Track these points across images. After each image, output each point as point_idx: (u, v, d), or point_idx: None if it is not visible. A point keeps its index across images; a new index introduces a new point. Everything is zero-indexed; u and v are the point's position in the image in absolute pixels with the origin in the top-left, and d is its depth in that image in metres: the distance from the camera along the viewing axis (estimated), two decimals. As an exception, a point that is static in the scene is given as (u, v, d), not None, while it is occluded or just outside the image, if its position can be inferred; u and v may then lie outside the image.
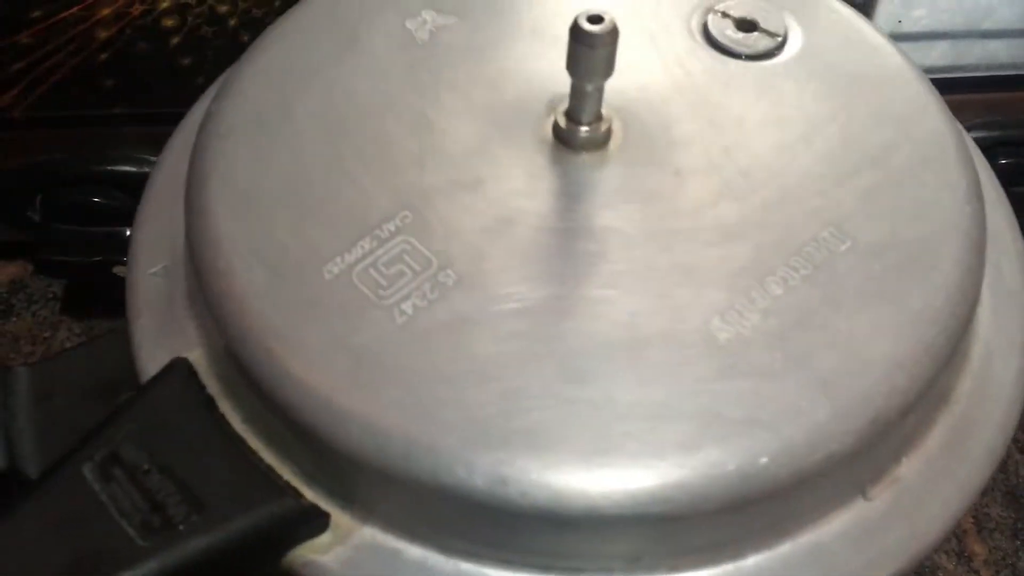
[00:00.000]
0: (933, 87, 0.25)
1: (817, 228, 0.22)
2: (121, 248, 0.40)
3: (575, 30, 0.21)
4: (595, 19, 0.21)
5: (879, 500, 0.21)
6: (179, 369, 0.22)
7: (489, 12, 0.27)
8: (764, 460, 0.19)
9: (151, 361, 0.23)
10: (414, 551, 0.21)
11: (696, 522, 0.20)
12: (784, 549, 0.21)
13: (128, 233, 0.40)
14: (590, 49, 0.22)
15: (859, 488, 0.21)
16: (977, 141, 0.37)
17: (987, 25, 0.39)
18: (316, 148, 0.24)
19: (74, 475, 0.20)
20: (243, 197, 0.23)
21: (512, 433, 0.19)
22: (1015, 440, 0.40)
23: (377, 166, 0.23)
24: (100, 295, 0.44)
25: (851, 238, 0.22)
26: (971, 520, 0.38)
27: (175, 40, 0.39)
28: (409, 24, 0.26)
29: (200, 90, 0.35)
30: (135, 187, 0.40)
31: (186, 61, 0.39)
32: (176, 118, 0.38)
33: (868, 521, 0.21)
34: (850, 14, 0.27)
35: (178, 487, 0.20)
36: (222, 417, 0.22)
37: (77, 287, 0.45)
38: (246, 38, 0.39)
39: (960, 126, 0.25)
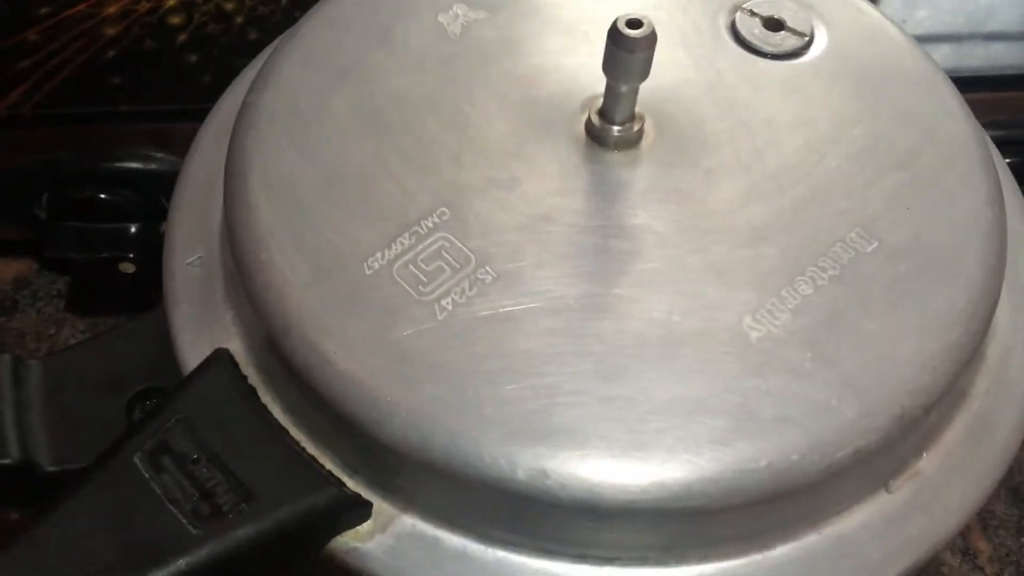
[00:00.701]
0: (956, 89, 0.26)
1: (845, 229, 0.23)
2: (127, 245, 0.41)
3: (614, 34, 0.22)
4: (634, 24, 0.22)
5: (900, 493, 0.22)
6: (221, 360, 0.23)
7: (520, 6, 0.27)
8: (795, 457, 0.20)
9: (191, 350, 0.24)
10: (453, 540, 0.21)
11: (727, 515, 0.20)
12: (810, 540, 0.21)
13: (133, 230, 0.41)
14: (628, 53, 0.22)
15: (882, 481, 0.22)
16: None
17: (989, 27, 0.40)
18: (355, 142, 0.24)
19: (126, 464, 0.21)
20: (283, 190, 0.23)
21: (551, 428, 0.20)
22: None
23: (415, 162, 0.24)
24: (104, 292, 0.45)
25: (877, 239, 0.23)
26: (976, 518, 0.39)
27: (182, 37, 0.39)
28: (441, 18, 0.27)
29: (207, 87, 0.35)
30: (141, 184, 0.40)
31: (192, 58, 0.39)
32: (182, 115, 0.39)
33: (890, 513, 0.22)
34: (875, 14, 0.27)
35: (226, 476, 0.21)
36: (264, 408, 0.22)
37: (81, 284, 0.45)
38: (253, 35, 0.39)
39: (981, 128, 0.25)
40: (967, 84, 0.37)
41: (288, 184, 0.24)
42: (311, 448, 0.22)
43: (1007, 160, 0.38)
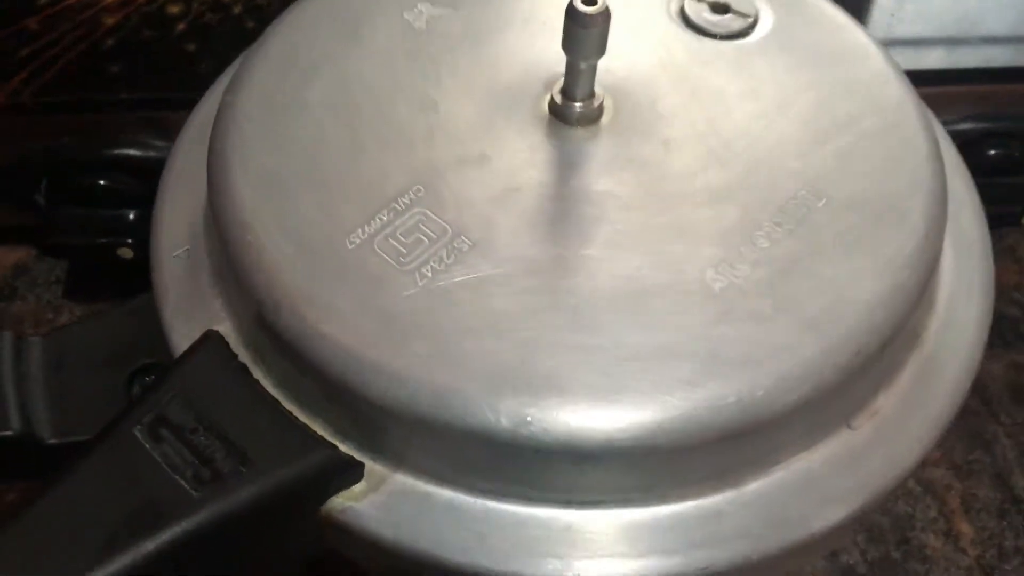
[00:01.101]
0: (895, 61, 0.28)
1: (796, 187, 0.24)
2: (125, 230, 0.41)
3: (571, 11, 0.23)
4: (589, 1, 0.23)
5: (861, 430, 0.24)
6: (212, 340, 0.24)
7: (480, 2, 0.28)
8: (760, 393, 0.21)
9: (182, 336, 0.25)
10: (443, 494, 0.22)
11: (701, 452, 0.22)
12: (779, 475, 0.23)
13: (131, 216, 0.41)
14: (584, 29, 0.24)
15: (844, 419, 0.23)
16: (966, 132, 0.40)
17: (980, 31, 0.41)
18: (329, 130, 0.25)
19: (126, 436, 0.22)
20: (264, 178, 0.25)
21: (532, 378, 0.21)
22: (1001, 424, 0.41)
23: (388, 145, 0.25)
24: (102, 279, 0.46)
25: (826, 195, 0.24)
26: (959, 501, 0.40)
27: (180, 27, 0.40)
28: (407, 15, 0.28)
29: (205, 76, 0.36)
30: (140, 171, 0.41)
31: (191, 47, 0.40)
32: (181, 103, 0.39)
33: (853, 449, 0.23)
34: (814, -4, 0.29)
35: (224, 444, 0.22)
36: (256, 382, 0.23)
37: (79, 271, 0.46)
38: (250, 24, 0.40)
39: (917, 94, 0.27)
40: (953, 76, 0.40)
41: (268, 173, 0.25)
42: (303, 417, 0.23)
43: (991, 151, 0.40)
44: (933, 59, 0.38)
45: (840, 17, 0.29)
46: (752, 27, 0.28)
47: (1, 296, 0.45)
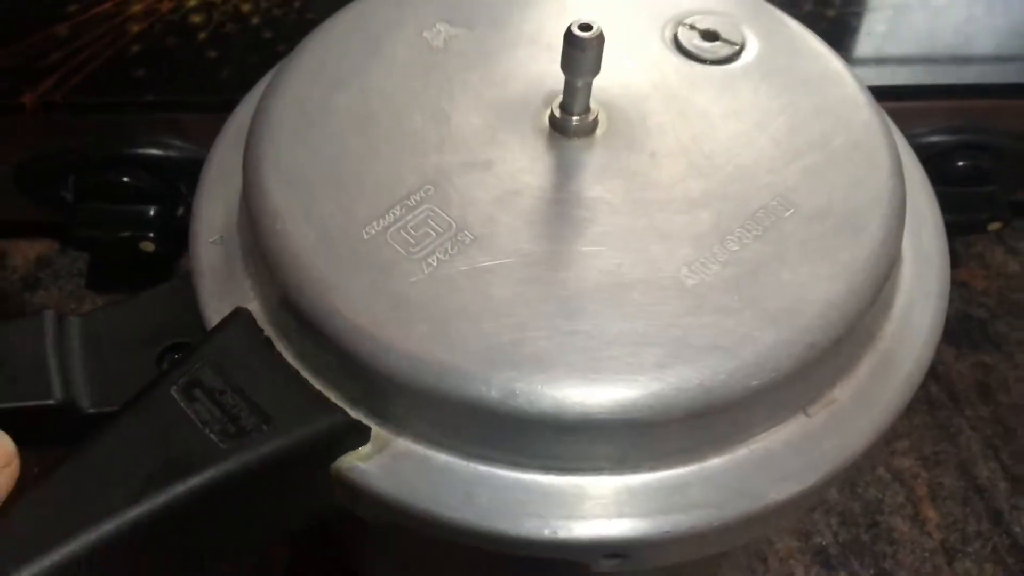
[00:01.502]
0: (866, 87, 0.30)
1: (767, 198, 0.27)
2: (147, 225, 0.45)
3: (569, 36, 0.26)
4: (585, 27, 0.26)
5: (818, 418, 0.26)
6: (241, 316, 0.27)
7: (494, 24, 0.31)
8: (723, 376, 0.24)
9: (214, 312, 0.28)
10: (440, 457, 0.25)
11: (669, 428, 0.24)
12: (740, 453, 0.25)
13: (152, 212, 0.45)
14: (581, 51, 0.27)
15: (801, 406, 0.26)
16: (938, 145, 0.43)
17: (962, 51, 0.44)
18: (351, 135, 0.28)
19: (163, 395, 0.25)
20: (292, 176, 0.28)
21: (522, 356, 0.24)
22: (967, 418, 0.45)
23: (403, 150, 0.28)
24: (122, 270, 0.49)
25: (794, 206, 0.27)
26: (925, 488, 0.42)
27: (202, 36, 0.44)
28: (426, 34, 0.31)
29: (224, 82, 0.39)
30: (161, 169, 0.44)
31: (212, 55, 0.43)
32: (201, 107, 0.43)
33: (809, 433, 0.26)
34: (799, 28, 0.32)
35: (249, 405, 0.25)
36: (279, 354, 0.26)
37: (100, 264, 0.49)
38: (267, 35, 0.43)
39: (888, 119, 0.30)
40: (928, 93, 0.43)
41: (296, 172, 0.28)
42: (319, 385, 0.26)
43: (961, 163, 0.43)
44: (914, 76, 0.41)
45: (819, 47, 0.31)
46: (738, 54, 0.31)
47: (26, 286, 0.48)
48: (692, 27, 0.31)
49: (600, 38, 0.26)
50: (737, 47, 0.31)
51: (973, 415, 0.45)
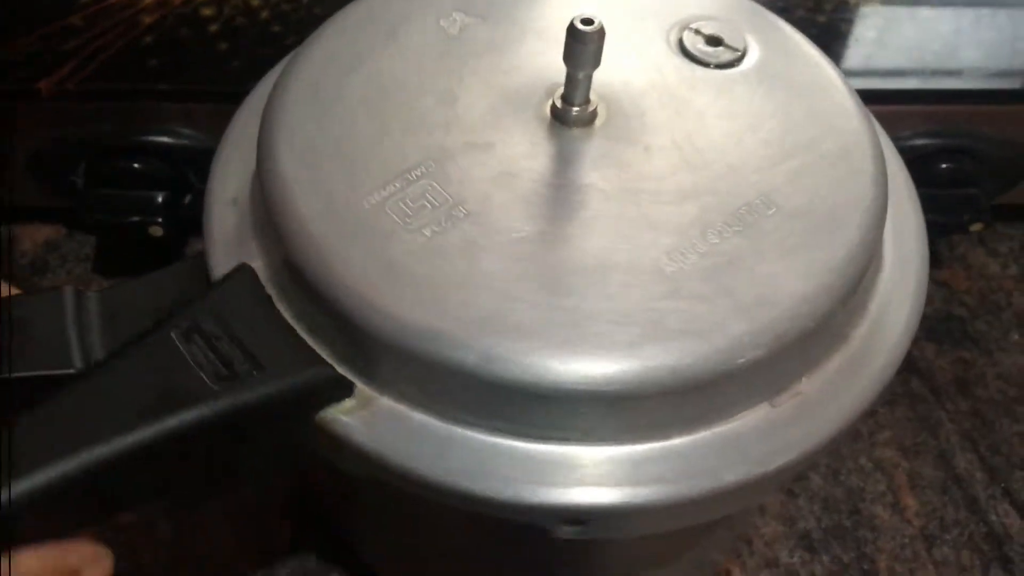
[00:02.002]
0: (857, 96, 0.31)
1: (751, 196, 0.28)
2: (155, 211, 0.46)
3: (571, 29, 0.28)
4: (587, 21, 0.28)
5: (783, 408, 0.27)
6: (244, 272, 0.29)
7: (507, 16, 0.33)
8: (689, 360, 0.25)
9: (221, 267, 0.29)
10: (419, 417, 0.27)
11: (637, 404, 0.26)
12: (703, 435, 0.27)
13: (160, 198, 0.46)
14: (583, 45, 0.28)
15: (768, 396, 0.27)
16: (920, 148, 0.45)
17: (947, 58, 0.46)
18: (362, 112, 0.30)
19: (164, 337, 0.26)
20: (303, 147, 0.29)
21: (503, 326, 0.25)
22: (946, 411, 0.47)
23: (410, 129, 0.30)
24: (128, 255, 0.50)
25: (776, 205, 0.28)
26: (906, 478, 0.44)
27: (213, 28, 0.45)
28: (443, 22, 0.33)
29: (234, 73, 0.41)
30: (170, 156, 0.46)
31: (223, 46, 0.45)
32: (211, 97, 0.45)
33: (774, 422, 0.27)
34: (799, 38, 0.33)
35: (244, 353, 0.26)
36: (277, 311, 0.28)
37: (106, 248, 0.51)
38: (276, 28, 0.45)
39: (877, 126, 0.31)
40: (913, 98, 0.44)
41: (307, 143, 0.29)
42: (311, 341, 0.27)
43: (944, 165, 0.44)
44: (901, 82, 0.43)
45: (817, 56, 0.32)
46: (739, 60, 0.32)
47: (34, 270, 0.50)
48: (697, 32, 0.33)
49: (601, 32, 0.28)
50: (739, 53, 0.32)
51: (953, 409, 0.47)
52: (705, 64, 0.32)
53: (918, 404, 0.47)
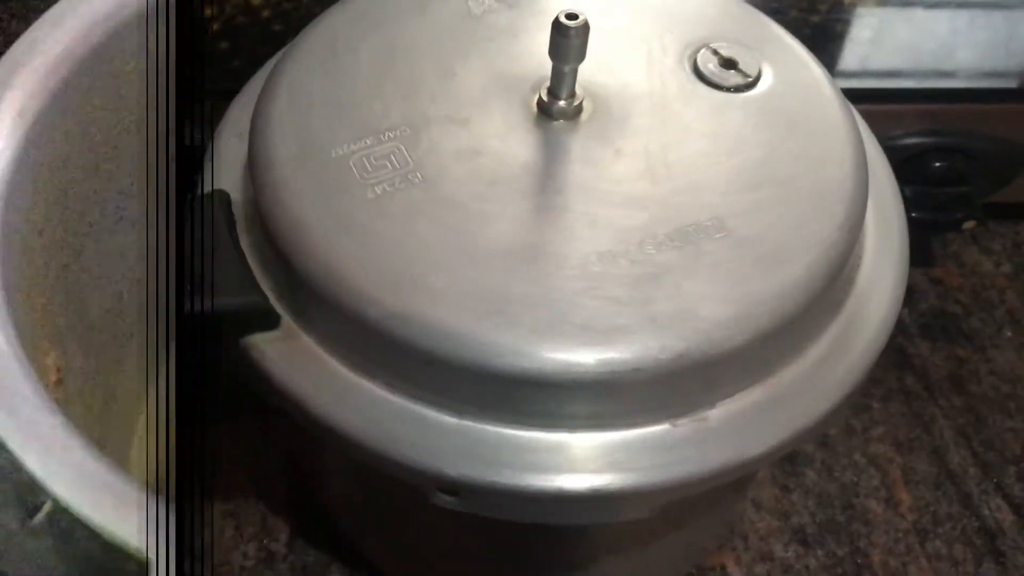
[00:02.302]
0: (862, 137, 0.31)
1: (703, 217, 0.28)
2: None
3: (556, 24, 0.28)
4: (572, 16, 0.28)
5: (682, 429, 0.27)
6: (220, 196, 0.31)
7: (534, 5, 0.34)
8: (586, 359, 0.26)
9: (208, 185, 0.32)
10: (333, 363, 0.28)
11: (516, 388, 0.26)
12: (601, 438, 0.27)
13: None
14: (566, 39, 0.28)
15: (668, 415, 0.27)
16: (913, 147, 0.46)
17: (941, 58, 0.46)
18: (366, 71, 0.31)
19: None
20: (301, 96, 0.31)
21: (415, 289, 0.26)
22: (940, 408, 0.47)
23: (401, 93, 0.31)
24: None
25: (728, 231, 0.28)
26: (899, 473, 0.45)
27: (214, 27, 0.47)
28: (471, 3, 0.34)
29: (235, 72, 0.42)
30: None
31: (223, 45, 0.46)
32: (213, 94, 0.46)
33: (663, 439, 0.27)
34: (819, 72, 0.32)
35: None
36: (235, 237, 0.30)
37: None
38: (277, 27, 0.46)
39: (881, 169, 0.30)
40: (906, 97, 0.44)
41: (305, 92, 0.31)
42: (257, 274, 0.29)
43: (937, 164, 0.45)
44: (894, 81, 0.44)
45: (832, 95, 0.32)
46: (748, 87, 0.32)
47: None
48: (715, 52, 0.32)
49: (585, 27, 0.28)
50: (750, 80, 0.32)
51: (946, 405, 0.48)
52: (710, 84, 0.32)
53: (912, 400, 0.48)
